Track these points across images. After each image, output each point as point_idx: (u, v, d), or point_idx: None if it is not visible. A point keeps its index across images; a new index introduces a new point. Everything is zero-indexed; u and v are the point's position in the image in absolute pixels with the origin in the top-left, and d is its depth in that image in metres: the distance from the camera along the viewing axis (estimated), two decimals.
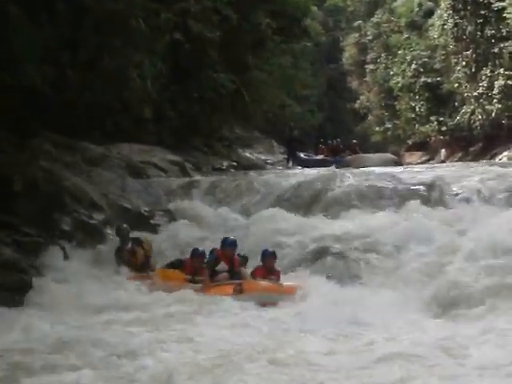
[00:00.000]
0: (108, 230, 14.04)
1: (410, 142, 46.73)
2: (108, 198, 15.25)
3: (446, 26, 38.04)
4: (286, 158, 32.68)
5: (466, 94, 37.65)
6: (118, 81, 18.27)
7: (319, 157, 31.65)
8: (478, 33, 35.56)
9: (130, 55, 18.07)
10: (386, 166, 23.95)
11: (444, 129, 41.34)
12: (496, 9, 34.13)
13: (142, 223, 14.57)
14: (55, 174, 14.52)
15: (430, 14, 43.25)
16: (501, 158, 34.65)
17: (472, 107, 37.15)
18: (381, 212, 14.36)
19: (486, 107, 35.66)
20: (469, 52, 36.54)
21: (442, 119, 41.39)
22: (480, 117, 36.50)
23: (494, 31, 34.88)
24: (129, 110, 20.73)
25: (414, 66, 42.96)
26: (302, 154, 32.07)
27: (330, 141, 34.19)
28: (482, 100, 35.98)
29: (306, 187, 16.35)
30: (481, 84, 35.79)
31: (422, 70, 42.62)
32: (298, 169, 27.57)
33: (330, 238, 13.06)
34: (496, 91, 34.81)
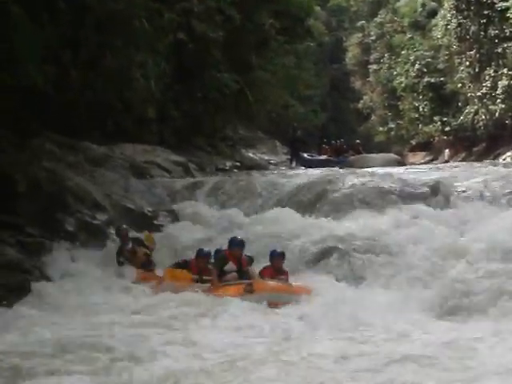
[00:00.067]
0: (111, 231, 14.01)
1: (414, 142, 46.61)
2: (111, 199, 15.24)
3: (449, 26, 37.94)
4: (289, 159, 32.65)
5: (470, 94, 37.54)
6: (119, 80, 18.29)
7: (322, 157, 31.52)
8: (482, 33, 35.43)
9: (132, 55, 18.09)
10: (390, 166, 23.92)
11: (447, 129, 41.23)
12: (499, 9, 34.01)
13: (145, 224, 14.56)
14: (58, 174, 14.51)
15: (433, 14, 43.17)
16: (504, 158, 34.53)
17: (475, 107, 37.04)
18: (384, 213, 14.31)
19: (490, 107, 35.54)
20: (472, 52, 36.44)
21: (445, 119, 41.28)
22: (483, 117, 36.39)
23: (497, 31, 34.75)
24: (131, 109, 20.74)
25: (417, 66, 42.86)
26: (305, 155, 31.96)
27: (334, 141, 34.05)
28: (485, 100, 35.86)
29: (310, 188, 16.32)
30: (484, 84, 35.67)
31: (425, 70, 42.52)
32: (302, 169, 27.50)
33: (334, 239, 12.97)
34: (499, 91, 34.68)
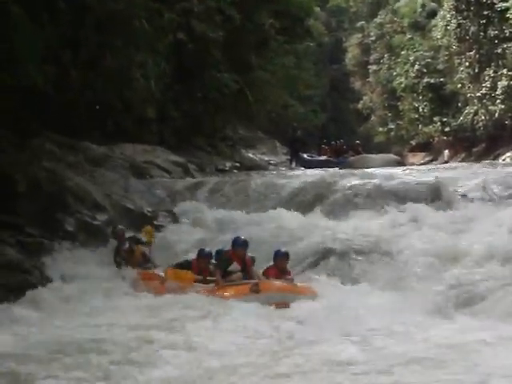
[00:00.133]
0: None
1: (413, 142, 46.58)
2: (111, 199, 15.24)
3: (449, 27, 37.92)
4: (288, 159, 32.61)
5: (469, 95, 37.53)
6: (119, 80, 18.29)
7: (322, 157, 31.49)
8: (481, 33, 35.42)
9: (132, 55, 18.08)
10: (389, 166, 23.90)
11: (447, 129, 41.21)
12: (499, 9, 34.00)
13: (145, 224, 14.52)
14: (58, 174, 14.52)
15: (433, 14, 43.15)
16: (504, 158, 34.51)
17: (475, 108, 37.04)
18: (384, 213, 14.31)
19: (489, 108, 35.55)
20: (472, 52, 36.44)
21: (445, 120, 41.26)
22: (483, 117, 36.39)
23: (497, 32, 34.75)
24: (131, 109, 20.74)
25: (417, 67, 42.84)
26: (305, 155, 31.94)
27: (333, 141, 33.98)
28: (485, 100, 35.86)
29: (310, 188, 16.33)
30: (484, 84, 35.67)
31: (425, 70, 42.51)
32: (301, 169, 27.50)
33: (334, 240, 12.97)
34: (499, 92, 34.68)
